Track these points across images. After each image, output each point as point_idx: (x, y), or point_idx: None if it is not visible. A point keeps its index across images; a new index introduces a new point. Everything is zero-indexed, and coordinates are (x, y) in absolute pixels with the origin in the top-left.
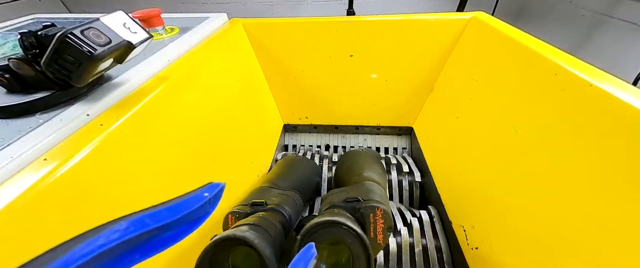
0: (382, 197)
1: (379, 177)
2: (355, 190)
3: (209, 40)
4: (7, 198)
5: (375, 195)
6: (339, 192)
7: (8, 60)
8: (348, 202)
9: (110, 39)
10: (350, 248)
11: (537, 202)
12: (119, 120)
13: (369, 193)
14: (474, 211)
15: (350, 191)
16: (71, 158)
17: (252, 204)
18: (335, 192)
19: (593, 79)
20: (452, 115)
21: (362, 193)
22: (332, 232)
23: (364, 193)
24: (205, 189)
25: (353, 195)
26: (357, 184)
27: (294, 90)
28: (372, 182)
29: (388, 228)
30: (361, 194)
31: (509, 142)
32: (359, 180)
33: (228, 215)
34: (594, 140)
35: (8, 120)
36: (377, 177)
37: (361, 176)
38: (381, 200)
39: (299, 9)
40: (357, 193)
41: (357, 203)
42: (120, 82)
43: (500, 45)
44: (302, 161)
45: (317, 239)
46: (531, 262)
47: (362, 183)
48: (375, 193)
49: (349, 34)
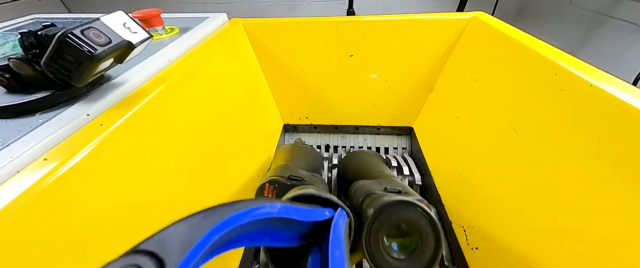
0: (413, 192)
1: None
2: (388, 183)
3: (209, 40)
4: (7, 198)
5: (408, 189)
6: (371, 183)
7: (8, 60)
8: (391, 192)
9: (110, 38)
10: (421, 233)
11: (537, 202)
12: (119, 120)
13: (404, 187)
14: (474, 211)
15: (383, 183)
16: (71, 158)
17: (289, 177)
18: (366, 183)
19: (593, 79)
20: (452, 115)
21: (397, 186)
22: (404, 213)
23: (398, 185)
24: (327, 209)
25: (394, 187)
26: (383, 178)
27: (294, 90)
28: (395, 178)
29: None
30: (396, 186)
31: (509, 142)
32: (382, 176)
33: (265, 184)
34: (594, 140)
35: (8, 120)
36: (392, 174)
37: (383, 173)
38: (415, 195)
39: (299, 9)
40: (391, 185)
41: (399, 195)
42: (120, 82)
43: (500, 45)
44: (312, 150)
45: (384, 221)
46: (531, 261)
47: (391, 179)
48: (408, 189)
49: (349, 34)
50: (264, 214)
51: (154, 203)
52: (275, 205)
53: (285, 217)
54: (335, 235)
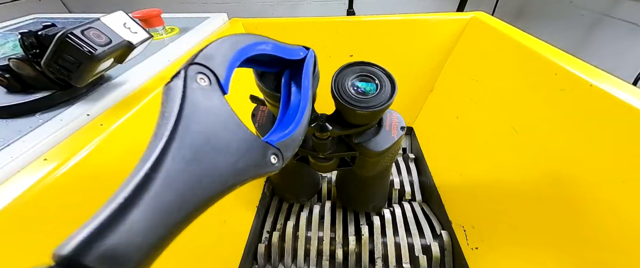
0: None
1: None
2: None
3: (209, 40)
4: (7, 198)
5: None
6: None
7: (8, 60)
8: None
9: (110, 39)
10: (380, 80)
11: (537, 202)
12: (119, 120)
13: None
14: (474, 211)
15: None
16: (71, 158)
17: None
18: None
19: (593, 79)
20: (452, 115)
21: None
22: (364, 67)
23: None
24: (301, 49)
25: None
26: None
27: None
28: None
29: (401, 128)
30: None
31: (509, 142)
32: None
33: (259, 107)
34: (594, 140)
35: (8, 120)
36: None
37: None
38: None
39: (299, 9)
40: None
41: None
42: (120, 82)
43: (500, 45)
44: None
45: (350, 71)
46: (531, 261)
47: None
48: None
49: (349, 34)
50: (263, 51)
51: None
52: (268, 43)
53: (274, 54)
54: (306, 68)
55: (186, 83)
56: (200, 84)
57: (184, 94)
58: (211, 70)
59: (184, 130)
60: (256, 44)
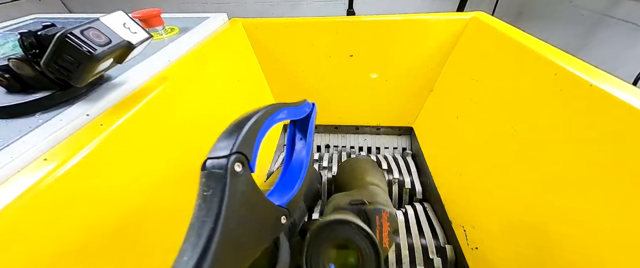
0: (386, 201)
1: (380, 182)
2: (359, 194)
3: (209, 40)
4: (7, 198)
5: (380, 198)
6: (343, 196)
7: (8, 60)
8: (353, 205)
9: (110, 39)
10: (360, 248)
11: (537, 202)
12: (119, 120)
13: (374, 196)
14: (474, 211)
15: (354, 194)
16: (71, 158)
17: None
18: (339, 196)
19: (593, 79)
20: (452, 115)
21: (366, 196)
22: (340, 232)
23: (368, 196)
24: (307, 105)
25: (358, 198)
26: (360, 188)
27: (294, 90)
28: (375, 186)
29: (394, 231)
30: (366, 197)
31: (509, 142)
32: (363, 185)
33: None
34: (594, 140)
35: (8, 120)
36: (379, 182)
37: (364, 180)
38: (386, 203)
39: (299, 9)
40: (361, 196)
41: (362, 206)
42: (120, 82)
43: (500, 45)
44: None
45: (324, 239)
46: (531, 262)
47: (366, 187)
48: (379, 197)
49: (349, 34)
50: (280, 120)
51: (154, 202)
52: (284, 110)
53: (288, 118)
54: (312, 123)
55: (227, 174)
56: (236, 170)
57: (225, 184)
58: (245, 156)
59: (226, 221)
60: (276, 114)
